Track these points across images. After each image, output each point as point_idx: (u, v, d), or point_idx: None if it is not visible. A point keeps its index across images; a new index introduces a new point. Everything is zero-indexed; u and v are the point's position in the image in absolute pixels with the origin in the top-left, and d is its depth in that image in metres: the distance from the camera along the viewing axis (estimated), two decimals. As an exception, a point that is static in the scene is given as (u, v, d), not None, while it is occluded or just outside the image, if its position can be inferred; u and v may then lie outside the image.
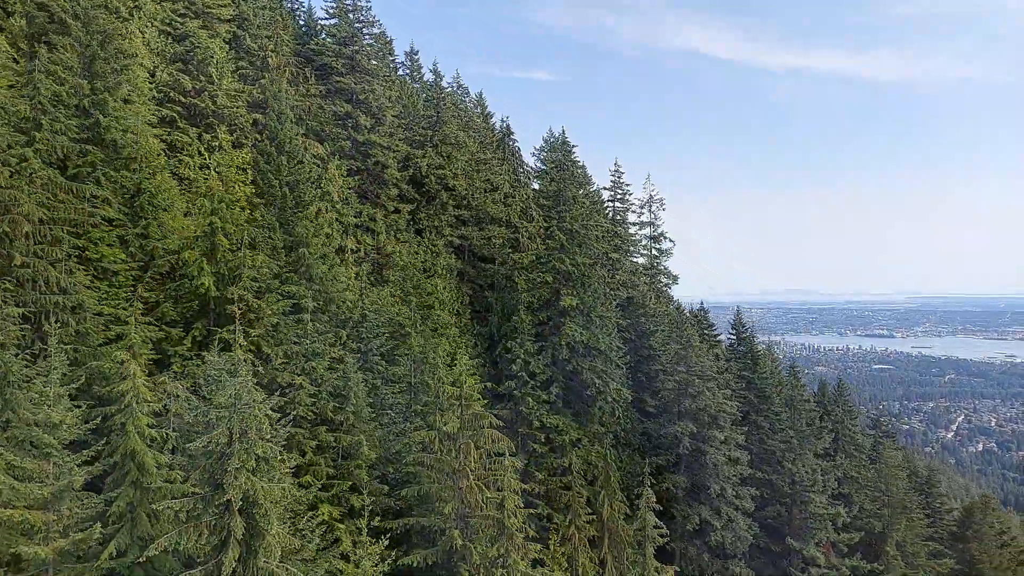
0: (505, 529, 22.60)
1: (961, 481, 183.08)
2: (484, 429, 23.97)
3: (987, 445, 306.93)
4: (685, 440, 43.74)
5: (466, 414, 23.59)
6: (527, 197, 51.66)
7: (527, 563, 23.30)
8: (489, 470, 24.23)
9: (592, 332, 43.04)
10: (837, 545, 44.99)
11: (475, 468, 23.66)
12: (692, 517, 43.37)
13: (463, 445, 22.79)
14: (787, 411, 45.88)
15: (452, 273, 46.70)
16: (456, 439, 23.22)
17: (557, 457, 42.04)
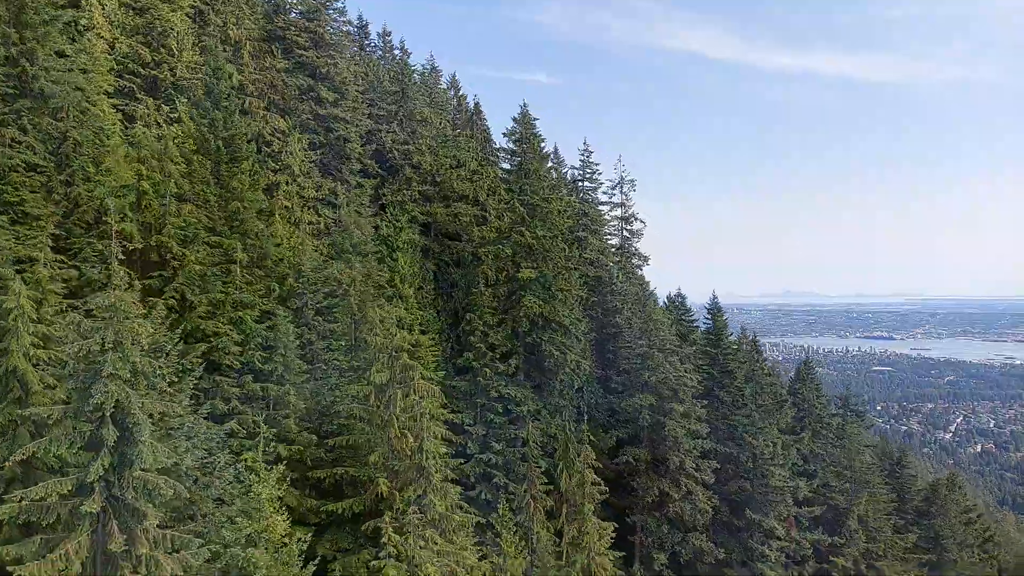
0: (423, 470, 22.59)
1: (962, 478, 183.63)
2: (414, 381, 23.93)
3: (985, 446, 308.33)
4: (645, 412, 43.76)
5: (396, 365, 23.60)
6: (494, 175, 51.74)
7: (446, 504, 23.25)
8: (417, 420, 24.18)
9: (553, 306, 43.08)
10: (799, 519, 44.85)
11: (403, 418, 23.63)
12: (651, 489, 43.27)
13: (391, 395, 22.78)
14: (750, 385, 45.82)
15: (415, 248, 46.65)
16: (386, 390, 23.21)
17: (515, 428, 41.97)
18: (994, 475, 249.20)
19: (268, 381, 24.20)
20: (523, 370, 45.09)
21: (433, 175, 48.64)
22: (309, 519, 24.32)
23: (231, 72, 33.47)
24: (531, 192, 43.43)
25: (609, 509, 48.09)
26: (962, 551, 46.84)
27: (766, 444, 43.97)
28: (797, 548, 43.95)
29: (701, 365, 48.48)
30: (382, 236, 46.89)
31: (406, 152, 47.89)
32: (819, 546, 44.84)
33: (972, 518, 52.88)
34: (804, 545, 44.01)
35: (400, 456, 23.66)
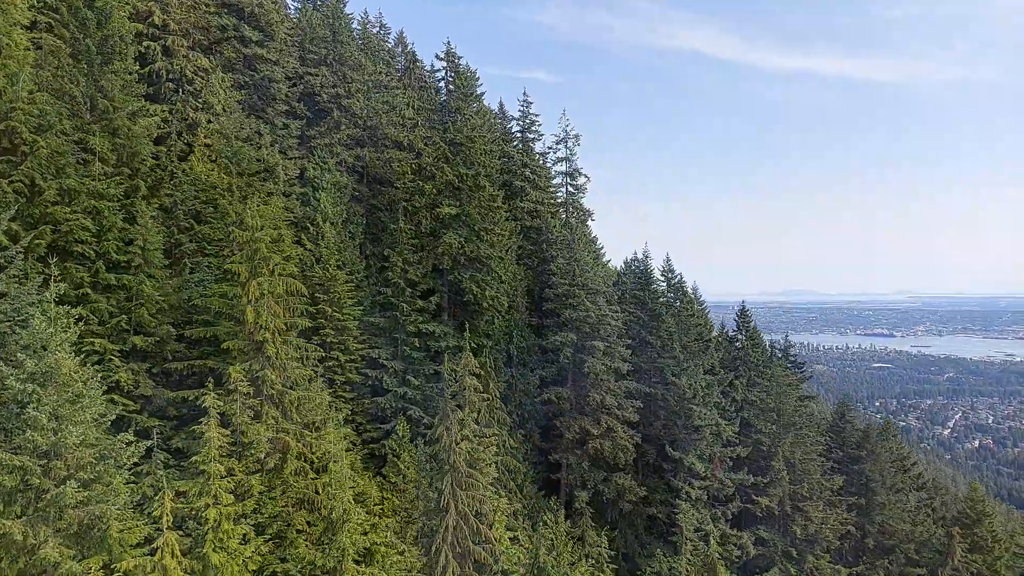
0: (260, 346, 22.96)
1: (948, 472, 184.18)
2: (277, 276, 24.32)
3: (983, 441, 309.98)
4: (566, 350, 44.19)
5: (256, 258, 23.98)
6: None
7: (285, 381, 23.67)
8: (285, 315, 24.62)
9: (475, 244, 43.52)
10: (725, 460, 45.33)
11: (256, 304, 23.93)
12: (573, 427, 43.77)
13: (251, 287, 23.21)
14: (676, 326, 46.28)
15: (343, 190, 47.11)
16: (246, 284, 23.64)
17: (435, 364, 42.47)
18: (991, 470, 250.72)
19: (123, 271, 24.61)
20: (447, 309, 45.59)
21: (365, 120, 49.08)
22: (168, 412, 24.74)
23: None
24: (455, 130, 43.85)
25: (541, 454, 48.77)
26: (891, 495, 47.21)
27: (689, 384, 44.38)
28: (720, 487, 44.36)
29: (630, 308, 48.94)
30: (308, 177, 47.42)
31: (335, 95, 48.35)
32: (744, 486, 45.27)
33: (907, 466, 53.34)
34: (727, 485, 44.41)
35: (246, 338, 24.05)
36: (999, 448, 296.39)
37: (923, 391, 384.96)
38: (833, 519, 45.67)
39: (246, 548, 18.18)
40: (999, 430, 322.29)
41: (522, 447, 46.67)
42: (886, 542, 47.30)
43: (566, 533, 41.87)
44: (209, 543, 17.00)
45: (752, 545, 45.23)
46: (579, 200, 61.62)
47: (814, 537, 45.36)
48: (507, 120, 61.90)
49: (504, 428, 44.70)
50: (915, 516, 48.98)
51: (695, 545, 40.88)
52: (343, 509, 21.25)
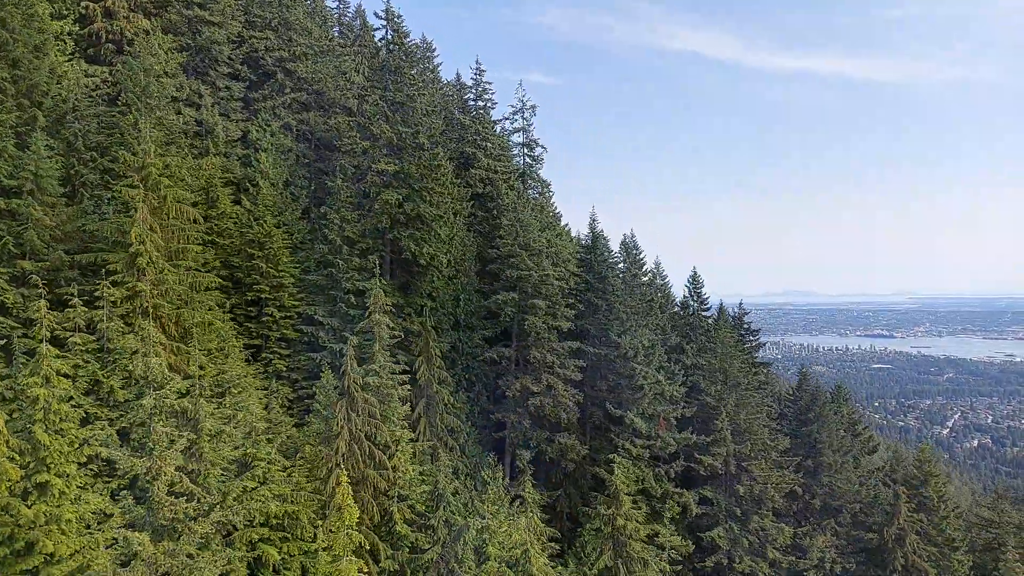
0: (135, 263, 23.11)
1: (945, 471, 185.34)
2: (168, 201, 24.57)
3: (982, 441, 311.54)
4: (508, 309, 44.46)
5: (144, 175, 24.23)
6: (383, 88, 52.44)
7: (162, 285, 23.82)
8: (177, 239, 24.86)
9: (414, 203, 43.72)
10: (669, 420, 45.53)
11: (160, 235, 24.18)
12: (514, 385, 44.00)
13: (137, 208, 23.46)
14: (623, 288, 46.56)
15: (286, 153, 47.50)
16: (132, 205, 23.89)
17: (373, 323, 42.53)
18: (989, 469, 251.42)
19: (12, 196, 24.84)
20: (388, 269, 45.83)
21: (310, 84, 49.45)
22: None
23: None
24: (395, 89, 44.18)
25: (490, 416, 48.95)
26: (839, 456, 47.40)
27: (631, 344, 44.64)
28: (664, 446, 44.54)
29: (578, 272, 49.32)
30: (251, 140, 47.77)
31: (280, 59, 48.74)
32: (688, 445, 45.48)
33: (858, 430, 53.52)
34: (671, 444, 44.60)
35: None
36: (998, 447, 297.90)
37: (922, 391, 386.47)
38: (778, 479, 45.83)
39: (83, 431, 18.33)
40: (998, 430, 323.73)
41: (466, 408, 46.89)
42: (833, 503, 47.46)
43: (505, 489, 42.01)
44: (39, 424, 17.21)
45: (696, 504, 45.37)
46: (536, 171, 61.95)
47: (759, 497, 45.54)
48: (464, 91, 62.22)
49: (446, 387, 44.92)
50: (864, 478, 49.13)
51: (634, 500, 41.04)
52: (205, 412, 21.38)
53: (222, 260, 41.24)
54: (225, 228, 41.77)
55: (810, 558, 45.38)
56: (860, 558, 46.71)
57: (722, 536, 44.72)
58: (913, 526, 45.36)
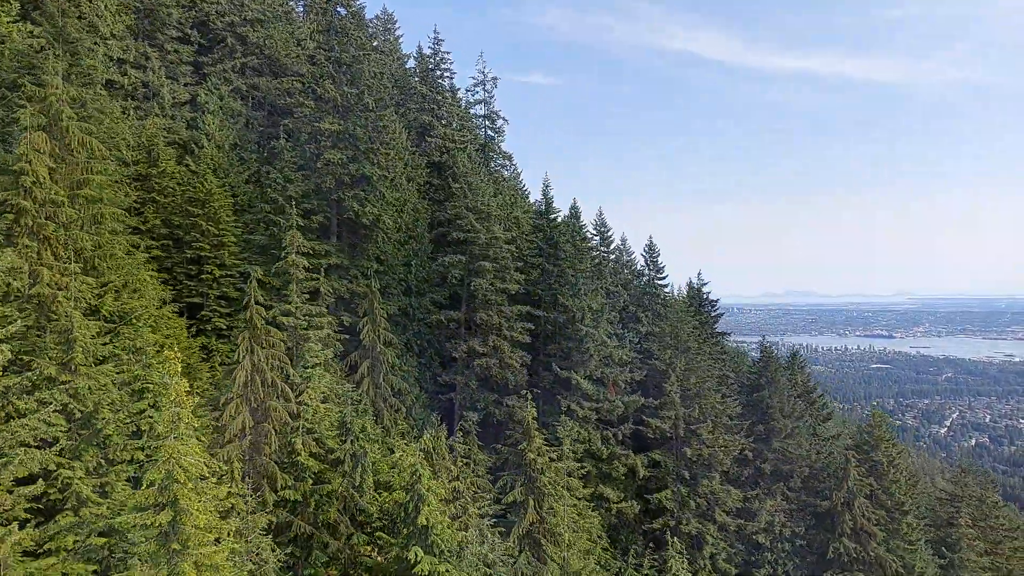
0: (19, 181, 23.03)
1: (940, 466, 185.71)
2: (71, 131, 24.59)
3: (980, 440, 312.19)
4: (455, 271, 44.56)
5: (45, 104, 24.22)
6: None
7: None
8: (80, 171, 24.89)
9: (360, 164, 43.82)
10: (619, 383, 45.68)
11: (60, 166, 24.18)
12: (460, 346, 44.12)
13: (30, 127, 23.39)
14: (573, 251, 46.71)
15: (235, 116, 47.68)
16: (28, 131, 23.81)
17: (315, 283, 42.67)
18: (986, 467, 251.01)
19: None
20: (335, 231, 45.94)
21: (261, 48, 49.64)
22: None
23: None
24: (340, 49, 44.32)
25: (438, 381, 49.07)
26: (789, 421, 47.51)
27: (578, 306, 44.78)
28: (612, 408, 44.67)
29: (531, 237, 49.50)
30: (199, 103, 47.94)
31: (230, 24, 48.92)
32: (637, 409, 45.60)
33: (812, 398, 53.65)
34: (618, 406, 44.72)
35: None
36: (996, 446, 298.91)
37: (921, 391, 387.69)
38: (727, 443, 45.94)
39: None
40: (996, 428, 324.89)
41: (415, 371, 47.02)
42: (783, 467, 47.58)
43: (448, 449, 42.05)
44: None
45: (645, 468, 45.49)
46: (498, 143, 62.17)
47: (708, 461, 45.68)
48: (425, 61, 62.41)
49: (392, 349, 45.02)
50: (819, 445, 49.25)
51: (579, 460, 41.16)
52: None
53: (163, 219, 41.48)
54: (166, 186, 41.93)
55: (759, 521, 45.49)
56: (810, 522, 46.88)
57: (669, 498, 44.86)
58: (862, 489, 45.50)
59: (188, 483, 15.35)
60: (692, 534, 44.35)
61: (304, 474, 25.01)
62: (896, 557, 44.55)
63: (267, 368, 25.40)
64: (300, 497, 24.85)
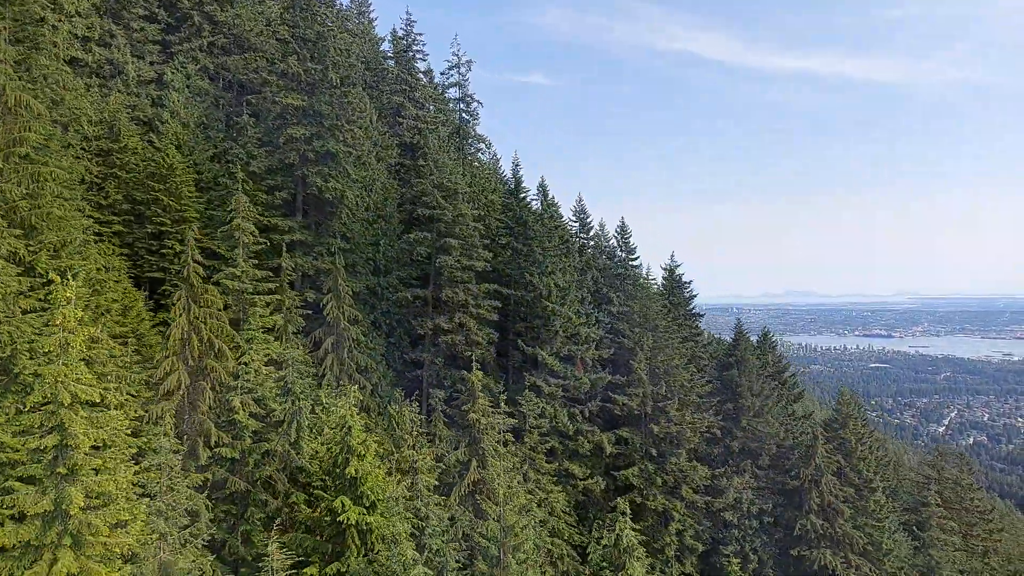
0: None
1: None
2: (7, 91, 24.58)
3: (978, 438, 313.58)
4: (420, 248, 44.58)
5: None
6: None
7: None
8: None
9: (324, 140, 43.84)
10: (586, 361, 45.67)
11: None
12: (427, 323, 44.13)
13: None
14: (541, 229, 46.73)
15: (202, 95, 47.73)
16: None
17: (277, 258, 42.69)
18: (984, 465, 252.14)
19: None
20: (300, 209, 45.95)
21: (229, 27, 49.66)
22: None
23: None
24: (304, 26, 44.35)
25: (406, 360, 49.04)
26: (758, 400, 47.51)
27: (545, 284, 44.79)
28: (579, 385, 44.67)
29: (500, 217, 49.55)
30: (166, 81, 47.94)
31: (198, 2, 48.94)
32: (604, 386, 45.60)
33: (784, 378, 53.67)
34: (585, 383, 44.72)
35: None
36: (993, 444, 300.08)
37: (919, 390, 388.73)
38: (695, 420, 45.94)
39: None
40: (994, 427, 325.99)
41: (383, 349, 46.97)
42: (751, 445, 47.56)
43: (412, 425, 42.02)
44: None
45: (612, 445, 45.47)
46: (473, 126, 62.19)
47: (676, 438, 45.63)
48: (398, 42, 62.44)
49: (358, 327, 45.01)
50: (788, 423, 49.25)
51: (541, 435, 41.16)
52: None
53: (124, 194, 41.52)
54: (127, 162, 41.96)
55: (726, 498, 45.47)
56: (779, 499, 46.85)
57: (636, 475, 44.85)
58: (830, 466, 45.50)
59: (79, 409, 15.33)
60: (658, 510, 44.32)
61: (243, 433, 24.99)
62: (863, 534, 44.53)
63: (204, 327, 25.39)
64: (237, 455, 24.83)
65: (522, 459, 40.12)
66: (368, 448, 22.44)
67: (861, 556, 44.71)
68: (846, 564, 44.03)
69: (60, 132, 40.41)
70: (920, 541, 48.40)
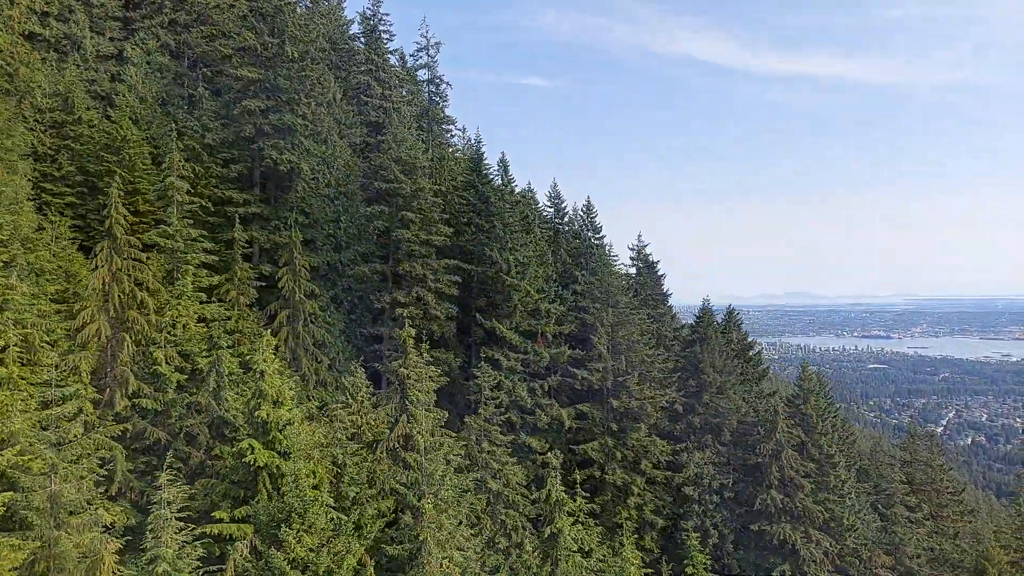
0: None
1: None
2: None
3: (976, 439, 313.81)
4: (378, 222, 44.65)
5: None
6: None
7: None
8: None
9: (281, 113, 43.93)
10: (547, 336, 45.69)
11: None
12: (384, 297, 44.20)
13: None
14: (501, 204, 46.80)
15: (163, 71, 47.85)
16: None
17: (227, 229, 42.69)
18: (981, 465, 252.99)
19: None
20: (257, 182, 46.01)
21: (191, 4, 49.79)
22: None
23: None
24: (262, 1, 44.45)
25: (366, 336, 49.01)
26: (720, 376, 47.50)
27: (504, 259, 44.85)
28: (539, 360, 44.70)
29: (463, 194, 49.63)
30: (126, 57, 48.03)
31: (159, -21, 49.09)
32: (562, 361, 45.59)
33: (750, 356, 53.66)
34: (544, 357, 44.73)
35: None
36: (991, 445, 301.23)
37: (918, 391, 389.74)
38: (656, 396, 45.93)
39: None
40: (992, 427, 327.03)
41: (342, 325, 46.97)
42: (713, 420, 47.50)
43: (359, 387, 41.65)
44: None
45: (572, 419, 45.43)
46: (442, 108, 62.27)
47: (636, 413, 45.58)
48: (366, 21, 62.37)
49: (315, 301, 45.05)
50: (751, 400, 49.22)
51: (497, 405, 41.15)
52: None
53: (78, 166, 41.59)
54: (81, 134, 42.02)
55: (686, 473, 45.42)
56: (740, 475, 46.80)
57: (596, 449, 44.82)
58: (790, 441, 45.46)
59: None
60: (618, 484, 44.27)
61: (166, 385, 24.97)
62: (824, 509, 44.48)
63: (127, 279, 25.40)
64: (160, 407, 24.81)
65: (477, 431, 40.05)
66: (284, 395, 22.45)
67: (822, 531, 44.67)
68: (806, 539, 43.98)
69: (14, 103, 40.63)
70: (885, 519, 48.31)
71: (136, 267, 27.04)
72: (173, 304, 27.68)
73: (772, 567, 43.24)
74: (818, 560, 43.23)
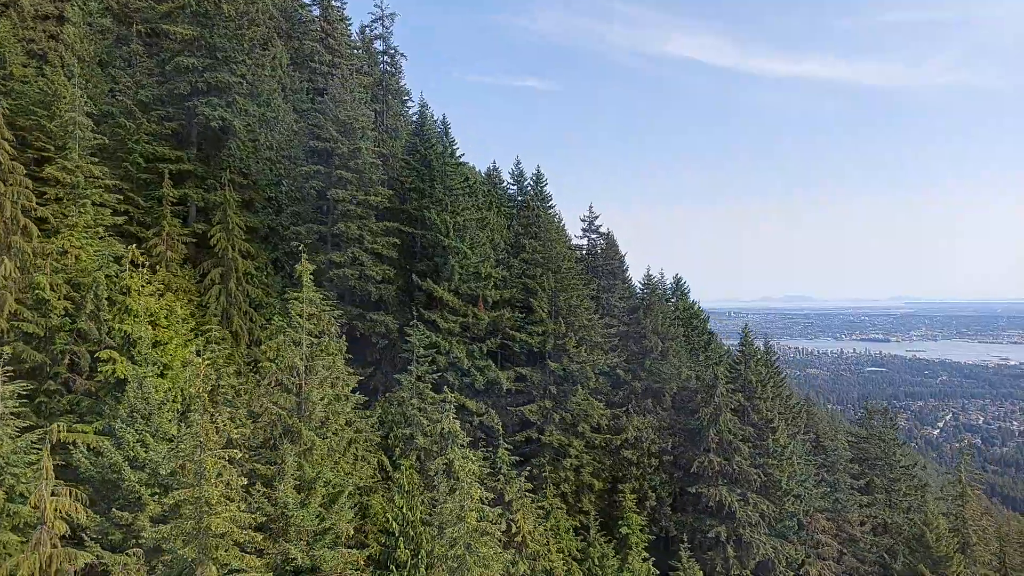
0: None
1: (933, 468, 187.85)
2: None
3: (972, 441, 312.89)
4: (314, 182, 44.82)
5: None
6: None
7: None
8: None
9: (217, 72, 44.10)
10: (488, 301, 45.89)
11: None
12: (320, 259, 44.37)
13: None
14: (441, 166, 46.98)
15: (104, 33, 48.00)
16: None
17: (157, 188, 42.86)
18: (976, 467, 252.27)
19: None
20: (194, 142, 46.17)
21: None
22: None
23: None
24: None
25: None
26: (663, 342, 47.70)
27: (442, 221, 44.99)
28: (477, 322, 44.86)
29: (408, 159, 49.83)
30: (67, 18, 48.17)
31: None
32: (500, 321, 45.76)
33: (695, 323, 53.89)
34: (484, 319, 44.90)
35: None
36: (987, 447, 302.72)
37: (915, 393, 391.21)
38: (596, 359, 46.06)
39: None
40: (988, 430, 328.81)
41: (279, 286, 47.07)
42: (654, 386, 47.67)
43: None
44: None
45: (511, 381, 45.57)
46: (397, 80, 62.49)
47: (575, 376, 45.71)
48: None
49: (251, 261, 45.32)
50: (695, 367, 49.42)
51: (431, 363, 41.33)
52: None
53: (8, 122, 41.71)
54: (12, 88, 42.16)
55: (625, 436, 45.55)
56: (680, 439, 46.95)
57: (534, 411, 44.94)
58: (729, 404, 45.61)
59: None
60: (555, 446, 44.38)
61: (50, 311, 25.09)
62: (762, 473, 44.62)
63: (10, 204, 25.52)
64: (43, 333, 24.91)
65: (409, 388, 40.15)
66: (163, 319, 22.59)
67: (760, 494, 44.83)
68: (743, 501, 44.15)
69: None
70: (829, 485, 48.52)
71: (24, 195, 27.23)
72: (65, 234, 27.83)
73: (708, 529, 43.41)
74: (754, 522, 43.39)
